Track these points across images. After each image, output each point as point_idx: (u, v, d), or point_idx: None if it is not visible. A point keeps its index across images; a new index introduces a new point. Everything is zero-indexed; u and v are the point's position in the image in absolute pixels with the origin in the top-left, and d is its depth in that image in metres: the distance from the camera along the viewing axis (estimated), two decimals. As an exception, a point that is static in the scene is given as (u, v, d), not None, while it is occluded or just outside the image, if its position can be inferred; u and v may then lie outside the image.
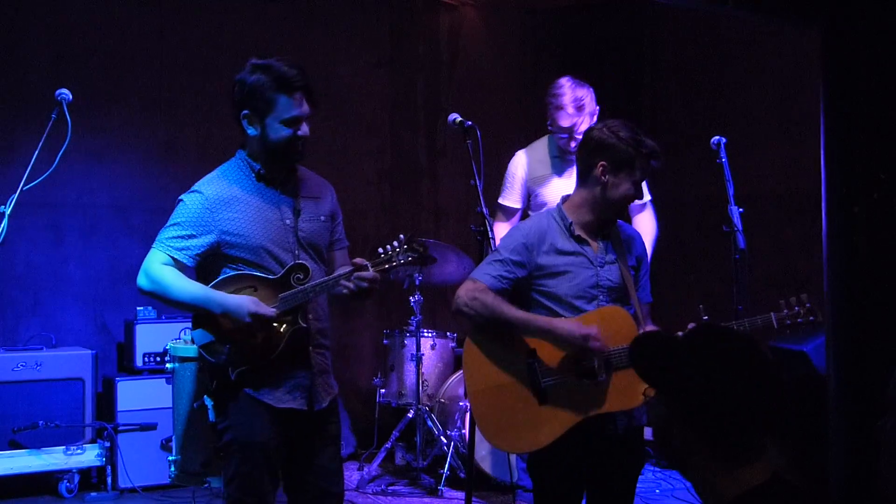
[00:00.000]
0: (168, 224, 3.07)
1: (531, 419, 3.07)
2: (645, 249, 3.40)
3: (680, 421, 1.80)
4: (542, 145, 4.65)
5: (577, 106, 4.39)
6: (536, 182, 4.56)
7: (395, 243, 3.10)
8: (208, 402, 3.08)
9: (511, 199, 4.62)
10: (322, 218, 3.22)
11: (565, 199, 3.28)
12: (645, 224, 4.58)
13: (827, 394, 1.69)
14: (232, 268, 3.05)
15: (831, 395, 1.61)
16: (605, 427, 3.11)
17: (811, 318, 3.07)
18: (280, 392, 3.05)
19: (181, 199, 3.09)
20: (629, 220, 4.53)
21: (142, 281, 3.03)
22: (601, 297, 3.15)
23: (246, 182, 3.11)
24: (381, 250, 3.11)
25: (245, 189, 3.09)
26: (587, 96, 4.44)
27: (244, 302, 2.96)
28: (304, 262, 3.07)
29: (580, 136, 3.58)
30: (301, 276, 3.04)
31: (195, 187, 3.11)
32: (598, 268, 3.16)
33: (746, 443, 1.76)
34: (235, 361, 3.00)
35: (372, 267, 3.07)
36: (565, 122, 4.40)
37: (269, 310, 2.97)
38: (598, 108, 4.50)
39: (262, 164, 3.11)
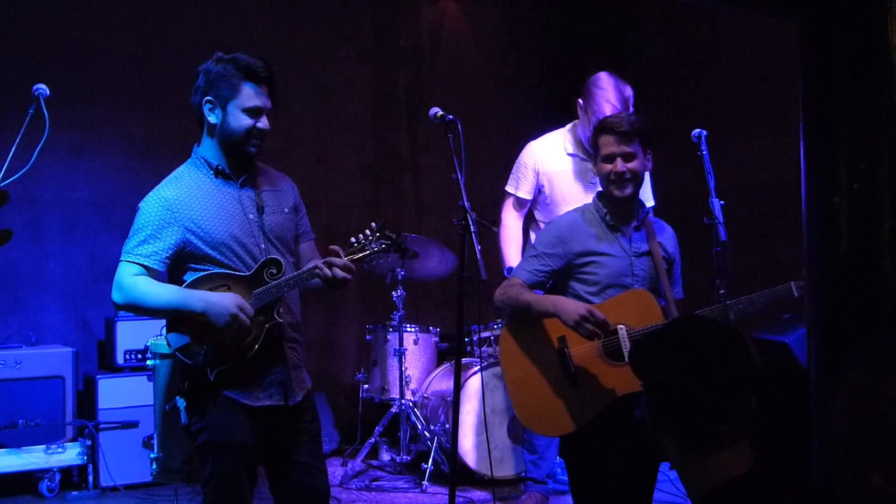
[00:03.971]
0: (131, 234, 3.01)
1: (565, 403, 3.22)
2: (677, 246, 3.50)
3: (650, 410, 1.84)
4: (557, 138, 4.61)
5: (622, 102, 4.33)
6: (546, 177, 4.54)
7: (368, 232, 3.09)
8: (180, 403, 3.04)
9: (524, 190, 4.61)
10: (286, 210, 3.18)
11: (600, 193, 3.43)
12: None
13: (808, 385, 1.69)
14: (200, 269, 3.00)
15: (812, 387, 1.62)
16: (630, 409, 3.12)
17: None
18: (257, 390, 3.02)
19: (139, 207, 3.03)
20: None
21: (115, 296, 2.98)
22: (636, 286, 3.27)
23: (204, 179, 3.06)
24: (353, 240, 3.10)
25: (204, 186, 3.04)
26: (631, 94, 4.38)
27: (225, 299, 2.91)
28: (275, 256, 3.04)
29: None
30: (274, 271, 3.00)
31: (152, 192, 3.05)
32: (633, 257, 3.29)
33: (707, 432, 1.77)
34: (213, 362, 2.96)
35: (346, 256, 3.05)
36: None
37: (249, 310, 2.93)
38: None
39: (219, 158, 3.07)
